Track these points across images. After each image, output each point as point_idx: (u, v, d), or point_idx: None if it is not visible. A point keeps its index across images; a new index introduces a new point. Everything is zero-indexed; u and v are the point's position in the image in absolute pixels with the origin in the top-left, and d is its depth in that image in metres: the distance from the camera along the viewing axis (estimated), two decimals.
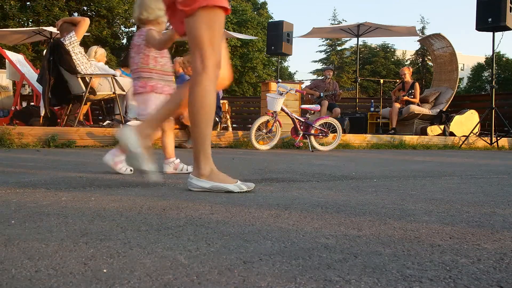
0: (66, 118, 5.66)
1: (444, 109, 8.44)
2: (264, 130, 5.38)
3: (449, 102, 8.66)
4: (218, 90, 2.01)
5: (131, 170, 2.50)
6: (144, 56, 2.47)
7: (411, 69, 9.08)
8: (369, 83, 33.98)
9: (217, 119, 5.51)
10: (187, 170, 2.62)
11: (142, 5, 2.47)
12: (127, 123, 5.45)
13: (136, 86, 2.51)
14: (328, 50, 37.80)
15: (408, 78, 8.42)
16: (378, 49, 38.25)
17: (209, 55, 1.79)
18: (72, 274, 0.84)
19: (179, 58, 7.11)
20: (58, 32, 5.42)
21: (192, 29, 1.79)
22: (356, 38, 11.23)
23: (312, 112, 5.70)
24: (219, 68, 1.85)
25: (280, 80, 6.50)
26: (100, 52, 6.20)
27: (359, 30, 10.49)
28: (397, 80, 8.91)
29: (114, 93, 5.42)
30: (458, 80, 8.98)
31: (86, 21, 5.27)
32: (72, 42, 5.13)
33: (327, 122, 5.60)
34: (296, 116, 5.44)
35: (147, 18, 2.47)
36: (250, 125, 5.52)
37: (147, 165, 1.90)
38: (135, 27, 26.67)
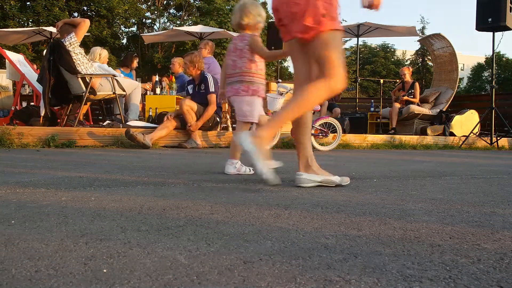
0: (66, 118, 5.66)
1: (444, 109, 8.44)
2: None
3: (449, 102, 8.65)
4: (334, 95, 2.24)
5: (252, 170, 2.59)
6: (247, 61, 2.59)
7: (411, 69, 9.07)
8: (369, 83, 33.97)
9: (217, 119, 5.51)
10: (250, 171, 2.67)
11: (243, 11, 2.58)
12: (127, 123, 5.46)
13: (238, 89, 2.63)
14: None
15: (408, 78, 8.41)
16: (378, 49, 38.24)
17: (334, 68, 2.02)
18: (72, 274, 0.84)
19: (177, 59, 7.10)
20: (58, 33, 5.41)
21: (316, 51, 2.03)
22: (356, 38, 11.23)
23: (312, 112, 5.70)
24: (341, 84, 2.06)
25: (280, 80, 6.50)
26: (104, 54, 6.21)
27: (359, 30, 10.48)
28: (397, 80, 8.91)
29: (114, 93, 5.41)
30: (458, 80, 8.98)
31: (86, 23, 5.26)
32: (72, 43, 5.12)
33: (327, 122, 5.60)
34: None
35: (247, 24, 2.59)
36: None
37: (263, 164, 1.90)
38: (135, 27, 26.68)
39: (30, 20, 20.72)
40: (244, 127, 2.75)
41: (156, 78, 6.96)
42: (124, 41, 27.31)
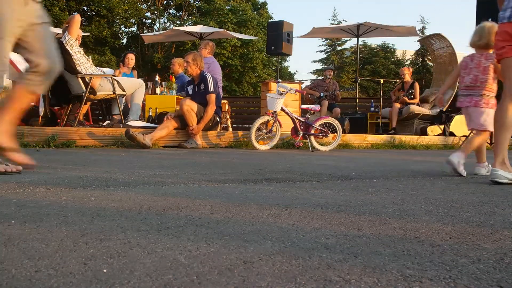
0: (66, 118, 5.66)
1: (444, 109, 8.44)
2: (264, 130, 5.38)
3: (449, 102, 8.65)
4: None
5: (466, 174, 2.90)
6: (490, 78, 2.98)
7: (411, 69, 9.08)
8: (369, 83, 33.95)
9: (217, 119, 5.50)
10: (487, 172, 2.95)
11: (491, 33, 2.94)
12: (127, 123, 5.46)
13: (479, 102, 3.00)
14: (328, 50, 37.75)
15: (407, 78, 8.42)
16: (378, 49, 38.20)
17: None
18: (72, 274, 0.84)
19: (177, 59, 7.09)
20: (60, 33, 5.41)
21: (506, 68, 2.52)
22: (356, 38, 11.22)
23: (312, 112, 5.70)
24: None
25: (280, 80, 6.50)
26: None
27: (359, 30, 10.48)
28: (397, 80, 8.91)
29: (114, 93, 5.41)
30: (458, 80, 8.97)
31: (76, 17, 5.24)
32: (68, 42, 5.11)
33: (327, 122, 5.60)
34: (296, 116, 5.44)
35: (491, 45, 2.96)
36: (250, 125, 5.51)
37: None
38: (135, 27, 26.68)
39: None
40: (483, 136, 3.06)
41: (156, 78, 6.95)
42: (124, 41, 27.28)
